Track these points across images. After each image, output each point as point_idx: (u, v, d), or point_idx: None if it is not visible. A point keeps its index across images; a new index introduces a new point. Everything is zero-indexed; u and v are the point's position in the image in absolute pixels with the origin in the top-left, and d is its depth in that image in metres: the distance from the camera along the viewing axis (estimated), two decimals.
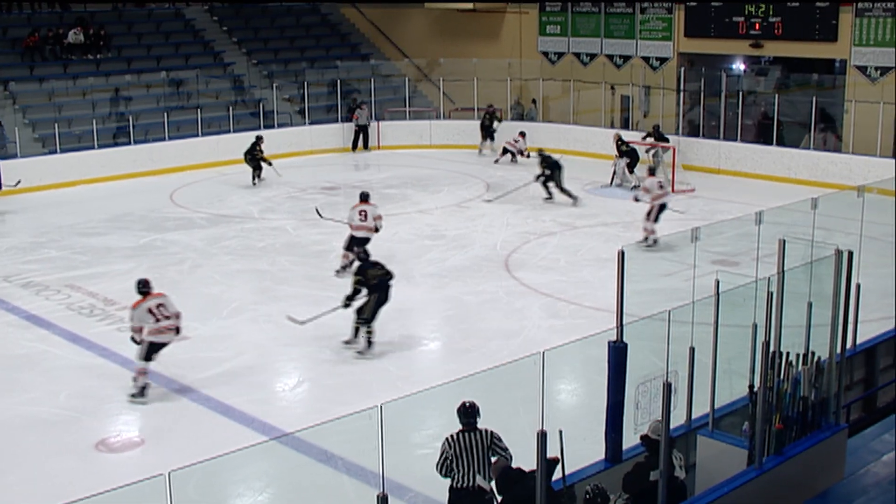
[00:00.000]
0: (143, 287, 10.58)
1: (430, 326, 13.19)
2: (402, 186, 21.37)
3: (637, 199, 16.61)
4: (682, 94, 24.09)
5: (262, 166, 21.34)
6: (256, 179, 21.38)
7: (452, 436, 6.83)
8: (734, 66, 25.30)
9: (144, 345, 10.42)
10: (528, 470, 6.44)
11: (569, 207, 19.00)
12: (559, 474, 6.53)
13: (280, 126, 25.45)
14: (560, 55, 27.37)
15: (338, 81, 26.55)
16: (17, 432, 9.82)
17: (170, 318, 10.47)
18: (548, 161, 19.53)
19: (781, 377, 7.30)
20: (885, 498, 7.31)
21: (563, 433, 6.36)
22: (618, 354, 7.23)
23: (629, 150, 21.27)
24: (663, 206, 16.04)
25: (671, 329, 6.80)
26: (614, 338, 7.28)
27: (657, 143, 22.14)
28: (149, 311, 10.38)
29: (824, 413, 7.66)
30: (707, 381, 7.59)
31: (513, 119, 26.51)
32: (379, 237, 14.62)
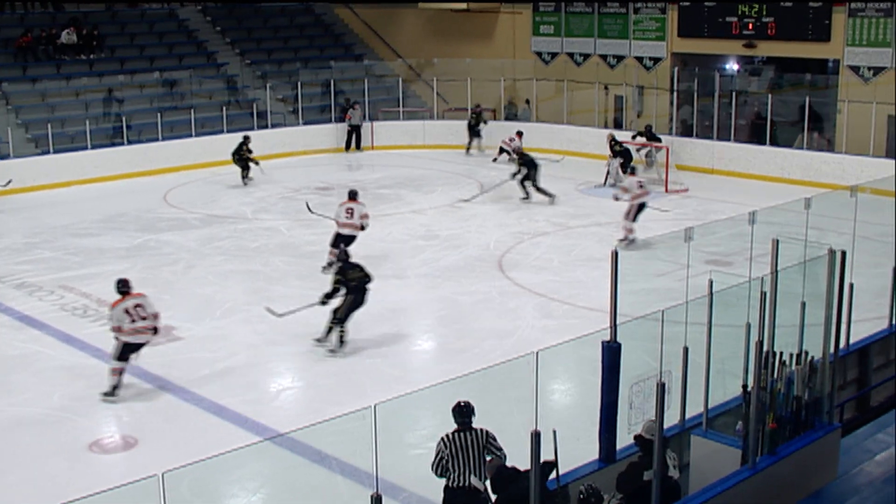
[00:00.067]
0: (123, 287, 10.59)
1: (423, 327, 13.20)
2: (396, 186, 21.37)
3: (617, 198, 16.66)
4: (676, 94, 24.12)
5: (250, 166, 21.37)
6: (246, 179, 21.41)
7: (448, 435, 6.83)
8: (727, 66, 25.35)
9: (119, 344, 10.43)
10: (523, 469, 6.44)
11: (563, 207, 19.03)
12: (555, 476, 6.55)
13: (273, 126, 25.43)
14: (553, 55, 27.38)
15: (331, 82, 26.54)
16: (10, 433, 9.79)
17: (146, 319, 10.47)
18: (524, 159, 19.57)
19: (775, 377, 7.32)
20: (878, 497, 7.33)
21: (556, 433, 6.37)
22: (611, 354, 7.23)
23: (623, 150, 21.31)
24: (642, 206, 16.16)
25: (665, 329, 6.80)
26: (608, 338, 7.28)
27: (649, 143, 22.18)
28: (125, 311, 10.39)
29: (818, 413, 7.68)
30: (701, 381, 7.60)
31: (506, 119, 26.52)
32: (372, 237, 14.62)
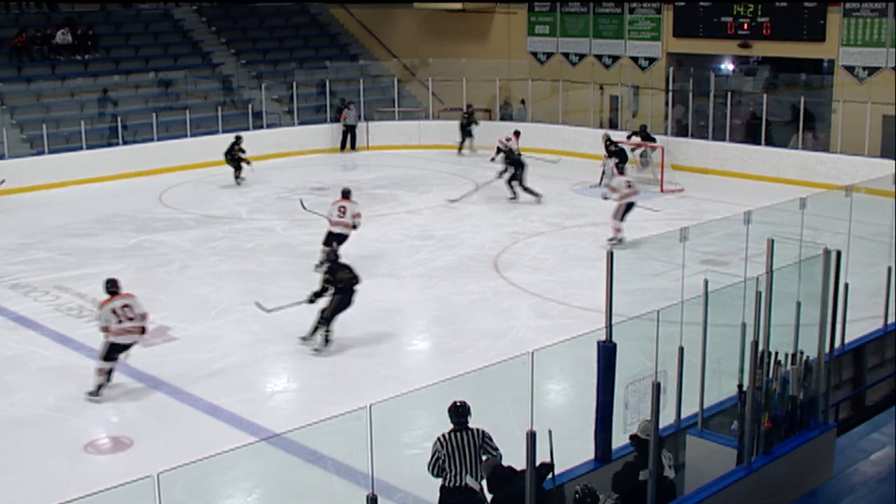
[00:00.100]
0: (111, 287, 10.57)
1: (418, 327, 13.20)
2: (391, 187, 21.36)
3: (605, 197, 16.69)
4: (671, 94, 24.14)
5: (242, 166, 21.36)
6: (238, 179, 21.40)
7: (444, 435, 6.83)
8: (723, 66, 25.38)
9: (105, 344, 10.42)
10: (519, 469, 6.44)
11: (558, 207, 19.04)
12: (551, 476, 6.55)
13: (269, 126, 25.44)
14: (549, 55, 27.39)
15: (327, 82, 26.52)
16: (8, 434, 9.78)
17: (133, 319, 10.46)
18: (511, 158, 19.58)
19: (770, 376, 7.32)
20: (873, 496, 7.34)
21: (552, 433, 6.37)
22: (607, 354, 7.24)
23: (618, 150, 21.31)
24: (631, 205, 16.21)
25: (660, 329, 6.81)
26: (603, 338, 7.28)
27: (644, 143, 22.20)
28: (113, 311, 10.37)
29: (813, 412, 7.68)
30: (696, 381, 7.60)
31: (501, 119, 26.51)
32: (367, 237, 14.60)
